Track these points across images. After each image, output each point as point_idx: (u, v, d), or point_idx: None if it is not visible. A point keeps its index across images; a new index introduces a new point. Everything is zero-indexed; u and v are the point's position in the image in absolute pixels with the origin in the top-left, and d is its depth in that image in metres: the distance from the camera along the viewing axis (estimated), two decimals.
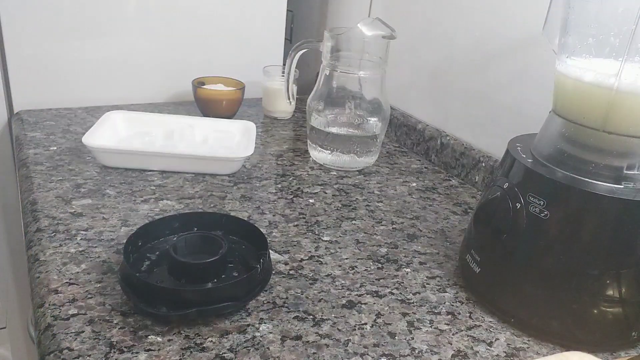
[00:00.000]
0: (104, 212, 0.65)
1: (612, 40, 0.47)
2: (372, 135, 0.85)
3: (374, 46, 0.81)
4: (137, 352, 0.45)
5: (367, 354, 0.47)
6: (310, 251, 0.62)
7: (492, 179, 0.57)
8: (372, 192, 0.79)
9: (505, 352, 0.50)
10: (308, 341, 0.48)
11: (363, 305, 0.54)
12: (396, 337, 0.50)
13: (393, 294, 0.56)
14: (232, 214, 0.68)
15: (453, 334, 0.51)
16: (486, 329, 0.53)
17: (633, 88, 0.46)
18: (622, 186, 0.48)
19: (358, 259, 0.62)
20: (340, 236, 0.66)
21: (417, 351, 0.49)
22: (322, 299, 0.54)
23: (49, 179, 0.72)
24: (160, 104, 1.05)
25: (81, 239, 0.59)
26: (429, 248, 0.66)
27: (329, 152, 0.84)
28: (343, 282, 0.57)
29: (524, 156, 0.53)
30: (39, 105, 0.97)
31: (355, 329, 0.50)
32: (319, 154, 0.86)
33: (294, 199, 0.74)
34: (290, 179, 0.81)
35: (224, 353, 0.46)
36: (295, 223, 0.68)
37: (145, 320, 0.48)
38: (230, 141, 0.85)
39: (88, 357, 0.44)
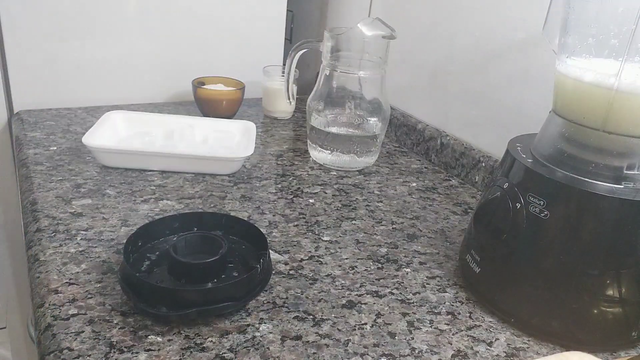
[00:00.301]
0: (104, 212, 0.65)
1: (612, 40, 0.47)
2: (372, 135, 0.85)
3: (374, 46, 0.81)
4: (137, 352, 0.45)
5: (367, 354, 0.48)
6: (310, 251, 0.62)
7: (492, 179, 0.57)
8: (372, 192, 0.79)
9: (505, 352, 0.50)
10: (308, 341, 0.48)
11: (363, 305, 0.54)
12: (396, 337, 0.50)
13: (393, 294, 0.56)
14: (232, 214, 0.68)
15: (453, 334, 0.51)
16: (486, 329, 0.53)
17: (633, 88, 0.46)
18: (622, 186, 0.48)
19: (358, 259, 0.62)
20: (340, 236, 0.66)
21: (417, 351, 0.49)
22: (322, 299, 0.54)
23: (49, 179, 0.72)
24: (160, 104, 1.05)
25: (81, 239, 0.59)
26: (429, 248, 0.66)
27: (329, 152, 0.84)
28: (343, 282, 0.57)
29: (524, 156, 0.53)
30: (39, 105, 0.97)
31: (355, 329, 0.50)
32: (319, 154, 0.86)
33: (294, 199, 0.74)
34: (290, 179, 0.81)
35: (224, 353, 0.46)
36: (295, 223, 0.68)
37: (145, 320, 0.48)
38: (230, 141, 0.85)
39: (88, 357, 0.44)
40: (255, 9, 1.10)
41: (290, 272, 0.58)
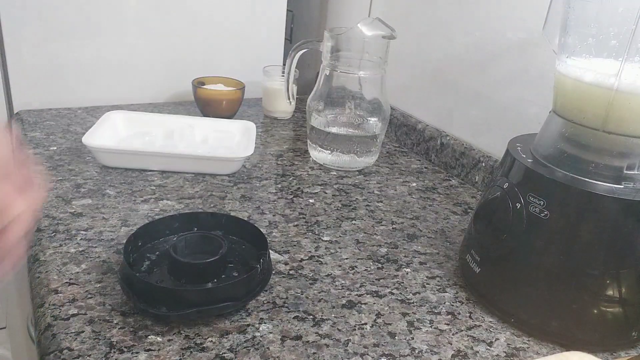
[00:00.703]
0: (104, 212, 0.65)
1: (612, 40, 0.47)
2: (372, 135, 0.85)
3: (374, 46, 0.81)
4: (137, 352, 0.45)
5: (367, 354, 0.47)
6: (310, 251, 0.62)
7: (492, 179, 0.57)
8: (372, 192, 0.79)
9: (505, 352, 0.50)
10: (308, 341, 0.48)
11: (363, 305, 0.54)
12: (396, 337, 0.50)
13: (393, 294, 0.56)
14: (232, 214, 0.68)
15: (453, 334, 0.51)
16: (486, 329, 0.53)
17: (633, 88, 0.46)
18: (622, 186, 0.48)
19: (358, 259, 0.62)
20: (340, 236, 0.66)
21: (417, 351, 0.49)
22: (322, 299, 0.54)
23: (49, 179, 0.72)
24: (160, 104, 1.05)
25: (81, 239, 0.59)
26: (429, 248, 0.66)
27: (329, 152, 0.84)
28: (343, 282, 0.57)
29: (524, 156, 0.53)
30: (39, 105, 0.97)
31: (355, 329, 0.50)
32: (319, 154, 0.86)
33: (294, 199, 0.74)
34: (290, 179, 0.81)
35: (224, 353, 0.46)
36: (295, 223, 0.68)
37: (145, 320, 0.48)
38: (230, 141, 0.85)
39: (88, 357, 0.44)
40: (255, 9, 1.10)
41: (290, 272, 0.58)
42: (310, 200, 0.74)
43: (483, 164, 0.82)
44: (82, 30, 0.95)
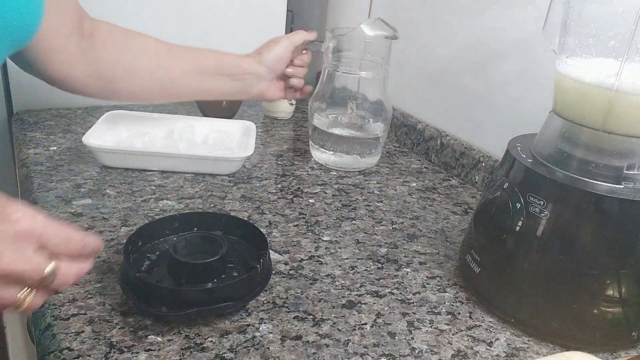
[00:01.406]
0: (104, 212, 0.65)
1: (612, 40, 0.47)
2: (375, 137, 0.85)
3: (375, 47, 0.81)
4: (137, 352, 0.45)
5: (367, 354, 0.47)
6: (310, 251, 0.62)
7: (492, 179, 0.57)
8: (372, 192, 0.79)
9: (505, 352, 0.50)
10: (308, 341, 0.48)
11: (363, 305, 0.54)
12: (396, 337, 0.50)
13: (393, 294, 0.56)
14: (232, 214, 0.68)
15: (453, 334, 0.51)
16: (486, 329, 0.53)
17: (633, 88, 0.46)
18: (622, 186, 0.48)
19: (358, 259, 0.62)
20: (340, 236, 0.66)
21: (417, 351, 0.49)
22: (322, 299, 0.54)
23: (49, 179, 0.72)
24: (160, 104, 1.05)
25: None
26: (429, 248, 0.66)
27: (332, 152, 0.84)
28: (343, 282, 0.57)
29: (524, 156, 0.53)
30: (39, 105, 0.97)
31: (355, 329, 0.50)
32: (321, 155, 0.86)
33: (294, 199, 0.74)
34: (290, 179, 0.81)
35: (224, 353, 0.46)
36: (295, 223, 0.68)
37: (145, 320, 0.48)
38: (230, 141, 0.85)
39: (88, 357, 0.44)
40: (255, 9, 1.09)
41: (290, 272, 0.58)
42: (310, 200, 0.74)
43: (483, 164, 0.82)
44: None
